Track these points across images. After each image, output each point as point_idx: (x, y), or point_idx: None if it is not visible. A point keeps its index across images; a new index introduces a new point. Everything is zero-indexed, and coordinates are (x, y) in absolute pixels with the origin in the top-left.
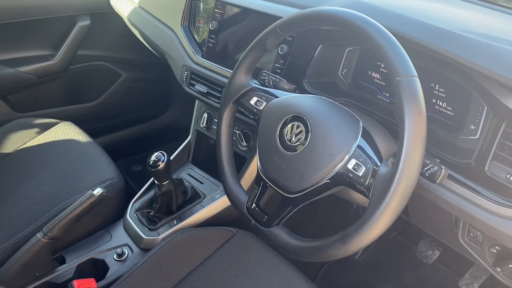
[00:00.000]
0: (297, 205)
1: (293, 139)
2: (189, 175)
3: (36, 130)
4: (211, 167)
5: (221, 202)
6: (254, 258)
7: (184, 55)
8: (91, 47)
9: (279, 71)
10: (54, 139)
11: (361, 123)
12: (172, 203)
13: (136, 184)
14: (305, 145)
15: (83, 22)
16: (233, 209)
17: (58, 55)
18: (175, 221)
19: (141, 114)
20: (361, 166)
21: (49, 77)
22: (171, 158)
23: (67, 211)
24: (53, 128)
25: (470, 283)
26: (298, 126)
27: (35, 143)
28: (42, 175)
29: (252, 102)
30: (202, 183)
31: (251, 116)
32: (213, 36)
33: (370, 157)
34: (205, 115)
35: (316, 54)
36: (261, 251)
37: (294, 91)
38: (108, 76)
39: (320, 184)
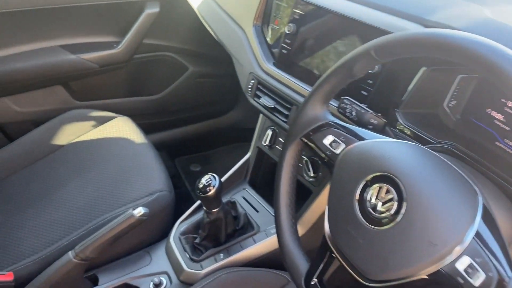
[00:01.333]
0: None
1: (379, 207)
2: (243, 198)
3: (92, 123)
4: (270, 193)
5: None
6: None
7: (253, 61)
8: (158, 37)
9: (365, 93)
10: (108, 135)
11: (480, 198)
12: (221, 233)
13: (192, 186)
14: (396, 221)
15: (152, 9)
16: None
17: (122, 43)
18: (221, 254)
19: (204, 111)
20: (477, 271)
21: (112, 66)
22: (227, 176)
23: (102, 230)
24: (109, 122)
25: None
26: (387, 191)
27: (88, 138)
28: (89, 176)
29: (326, 141)
30: (257, 211)
31: (324, 159)
32: (289, 41)
33: (492, 257)
34: (269, 132)
35: (416, 78)
36: None
37: (383, 128)
38: (174, 68)
39: (411, 279)
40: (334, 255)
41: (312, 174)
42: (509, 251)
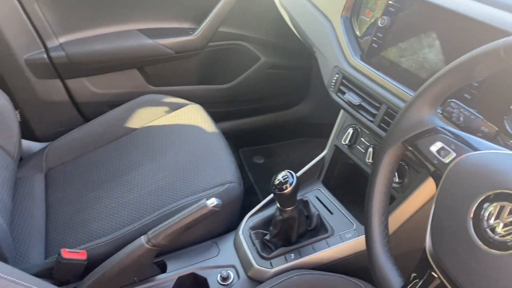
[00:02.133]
0: None
1: (499, 229)
2: (317, 198)
3: (165, 108)
4: (346, 193)
5: (352, 245)
6: None
7: (339, 54)
8: (233, 25)
9: (468, 96)
10: (180, 122)
11: None
12: (293, 232)
13: (255, 178)
14: None
15: None
16: (364, 256)
17: (199, 30)
18: (292, 254)
19: (272, 103)
20: None
21: (187, 53)
22: (301, 173)
23: (175, 218)
24: (182, 109)
25: None
26: (510, 213)
27: (161, 123)
28: (161, 160)
29: (433, 148)
30: (331, 213)
31: (429, 167)
32: (381, 36)
33: None
34: (350, 130)
35: None
36: None
37: (494, 137)
38: (246, 58)
39: None
40: (436, 275)
41: (397, 180)
42: None
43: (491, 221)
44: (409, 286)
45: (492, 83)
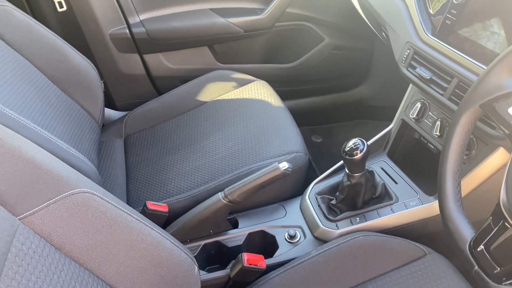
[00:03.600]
0: None
1: None
2: (382, 169)
3: (233, 84)
4: (410, 166)
5: (417, 212)
6: (444, 286)
7: (411, 30)
8: (300, 6)
9: None
10: (248, 97)
11: None
12: (359, 197)
13: (313, 156)
14: None
15: None
16: (429, 224)
17: (268, 10)
18: (357, 218)
19: (333, 84)
20: None
21: (255, 32)
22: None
23: (250, 178)
24: (249, 85)
25: None
26: None
27: (230, 97)
28: (231, 130)
29: (511, 111)
30: (396, 183)
31: (505, 130)
32: (454, 12)
33: None
34: (418, 104)
35: None
36: (455, 282)
37: None
38: (310, 38)
39: None
40: (509, 225)
41: (437, 133)
42: None
43: None
44: (482, 235)
45: None
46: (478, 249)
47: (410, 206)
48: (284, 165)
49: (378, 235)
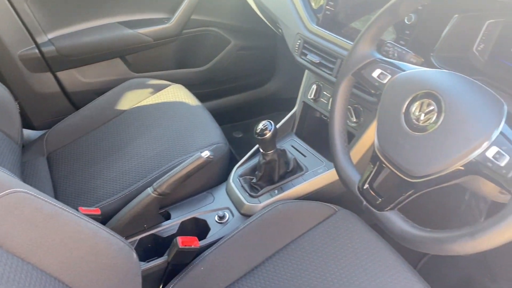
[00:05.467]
0: (418, 191)
1: (422, 118)
2: (292, 146)
3: (150, 90)
4: (315, 140)
5: (324, 177)
6: (355, 239)
7: (299, 23)
8: (204, 13)
9: (403, 42)
10: (166, 100)
11: (505, 107)
12: (275, 172)
13: (236, 150)
14: (437, 125)
15: None
16: (335, 186)
17: (173, 18)
18: (276, 191)
19: (246, 82)
20: (504, 155)
21: (164, 40)
22: (277, 127)
23: (176, 170)
24: (165, 89)
25: None
26: (429, 104)
27: (148, 103)
28: (154, 133)
29: (375, 74)
30: (305, 156)
31: (372, 90)
32: (332, 3)
33: None
34: (314, 86)
35: (449, 25)
36: (363, 232)
37: (422, 66)
38: (218, 42)
39: (449, 170)
40: (383, 164)
41: (354, 120)
42: None
43: (416, 113)
44: (365, 177)
45: (420, 29)
46: (364, 188)
47: (318, 173)
48: (206, 154)
49: (294, 201)
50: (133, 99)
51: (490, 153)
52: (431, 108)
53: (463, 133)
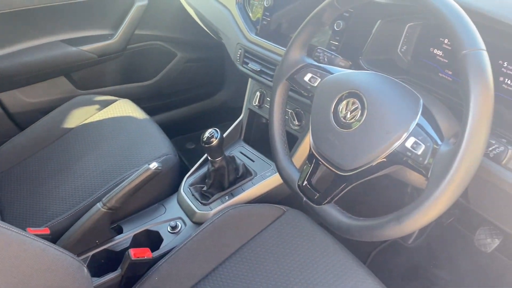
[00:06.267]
0: (350, 183)
1: (348, 116)
2: (241, 153)
3: (96, 106)
4: (263, 145)
5: (272, 180)
6: (304, 236)
7: (238, 33)
8: (148, 27)
9: (334, 48)
10: (113, 116)
11: (421, 101)
12: (224, 179)
13: (189, 161)
14: (361, 122)
15: (141, 2)
16: (284, 188)
17: (117, 34)
18: (226, 197)
19: (195, 93)
20: (420, 144)
21: (109, 56)
22: (225, 135)
23: (124, 183)
24: (112, 105)
25: None
26: (353, 103)
27: (95, 119)
28: (102, 149)
29: (306, 78)
30: (253, 161)
31: (305, 93)
32: (268, 14)
33: (430, 136)
34: (258, 93)
35: (374, 30)
36: (311, 230)
37: (349, 68)
38: (164, 55)
39: (375, 162)
40: (319, 162)
41: (296, 123)
42: (442, 133)
43: (343, 112)
44: (304, 174)
45: (349, 35)
46: (303, 185)
47: (267, 177)
48: (154, 165)
49: (245, 205)
50: (79, 116)
51: (408, 144)
52: (356, 106)
53: (384, 127)
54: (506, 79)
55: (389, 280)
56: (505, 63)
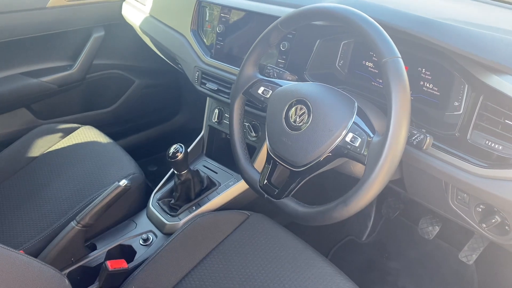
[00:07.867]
0: (303, 178)
1: (297, 119)
2: (204, 166)
3: (59, 134)
4: (224, 158)
5: (235, 188)
6: (268, 237)
7: (195, 57)
8: (106, 57)
9: (281, 65)
10: (77, 142)
11: (356, 103)
12: (191, 191)
13: (152, 183)
14: (308, 124)
15: (98, 33)
16: (247, 195)
17: (76, 65)
18: (194, 207)
19: (154, 118)
20: (357, 138)
21: (69, 86)
22: (188, 150)
23: (96, 201)
24: (75, 132)
25: (469, 255)
26: (301, 108)
27: (59, 146)
28: (69, 174)
29: (260, 91)
30: (216, 172)
31: (259, 105)
32: (221, 38)
33: (364, 131)
34: (216, 110)
35: (314, 48)
36: (274, 230)
37: (296, 81)
38: (122, 83)
39: (323, 157)
40: (276, 162)
41: (254, 134)
42: (374, 127)
43: (293, 117)
44: (264, 174)
45: (293, 53)
46: (264, 183)
47: (230, 186)
48: (123, 182)
49: (211, 213)
50: (43, 145)
51: (348, 138)
52: (303, 111)
53: (327, 126)
54: (426, 83)
55: (348, 273)
56: (423, 69)
